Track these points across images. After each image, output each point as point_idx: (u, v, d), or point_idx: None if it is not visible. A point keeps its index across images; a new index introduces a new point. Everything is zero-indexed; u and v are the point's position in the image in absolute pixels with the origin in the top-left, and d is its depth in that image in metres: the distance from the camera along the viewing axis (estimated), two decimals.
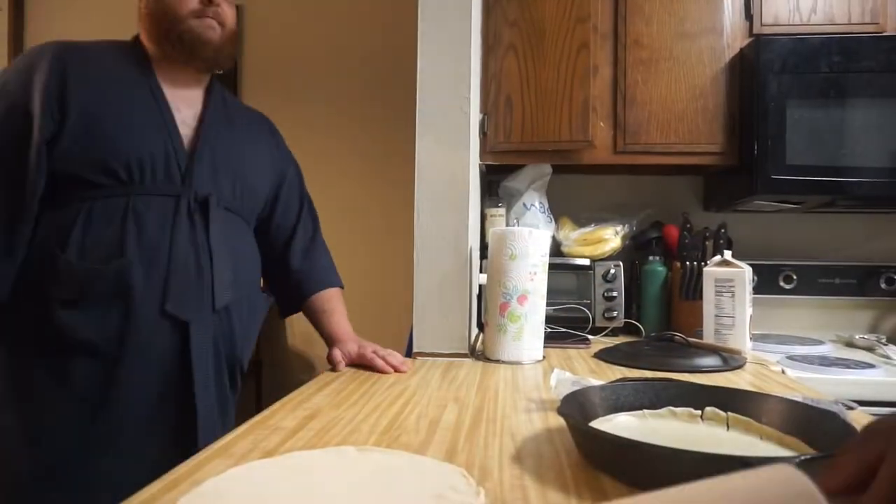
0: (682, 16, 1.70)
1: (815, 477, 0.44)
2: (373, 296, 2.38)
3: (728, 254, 1.51)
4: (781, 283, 1.89)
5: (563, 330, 1.68)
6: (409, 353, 1.38)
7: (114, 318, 1.00)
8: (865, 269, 1.88)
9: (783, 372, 1.33)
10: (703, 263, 1.63)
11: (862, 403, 1.04)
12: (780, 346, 1.64)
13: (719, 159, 1.70)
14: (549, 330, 1.48)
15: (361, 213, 2.43)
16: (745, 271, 1.46)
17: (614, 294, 1.76)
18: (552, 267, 1.38)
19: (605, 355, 1.36)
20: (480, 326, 1.58)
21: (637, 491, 0.55)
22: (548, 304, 1.37)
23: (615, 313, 1.75)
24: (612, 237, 1.81)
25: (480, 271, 1.60)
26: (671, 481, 0.53)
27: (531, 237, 1.29)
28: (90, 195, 1.02)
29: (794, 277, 1.88)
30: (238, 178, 1.17)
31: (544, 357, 1.33)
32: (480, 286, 1.53)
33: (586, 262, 1.78)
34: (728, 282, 1.46)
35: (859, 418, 0.82)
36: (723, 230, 1.70)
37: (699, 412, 0.75)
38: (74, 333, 0.99)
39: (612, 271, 1.77)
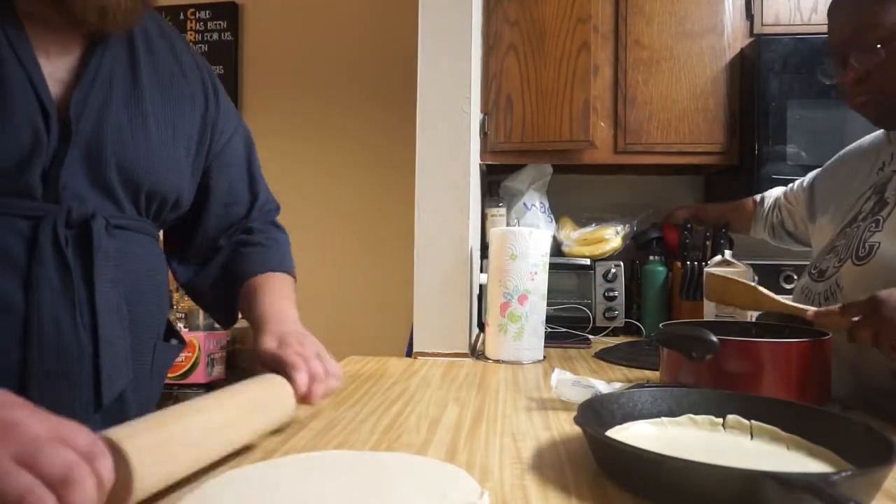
0: (682, 16, 1.69)
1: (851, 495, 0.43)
2: (373, 296, 2.38)
3: (728, 253, 1.51)
4: (782, 283, 1.88)
5: (564, 330, 1.68)
6: (409, 353, 1.38)
7: None
8: None
9: None
10: (703, 263, 1.62)
11: None
12: None
13: (720, 159, 1.70)
14: (549, 330, 1.48)
15: (362, 213, 2.43)
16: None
17: (615, 294, 1.76)
18: (553, 267, 1.38)
19: (606, 355, 1.36)
20: (481, 326, 1.58)
21: (649, 503, 0.55)
22: (548, 304, 1.37)
23: (616, 313, 1.75)
24: (612, 237, 1.81)
25: (481, 271, 1.60)
26: (695, 496, 0.52)
27: (532, 237, 1.29)
28: None
29: (795, 277, 1.88)
30: (139, 173, 0.73)
31: (545, 357, 1.33)
32: (481, 286, 1.53)
33: (587, 261, 1.78)
34: None
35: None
36: (723, 230, 1.70)
37: (720, 420, 0.71)
38: None
39: (613, 271, 1.77)
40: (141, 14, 0.72)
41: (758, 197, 1.46)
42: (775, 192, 1.41)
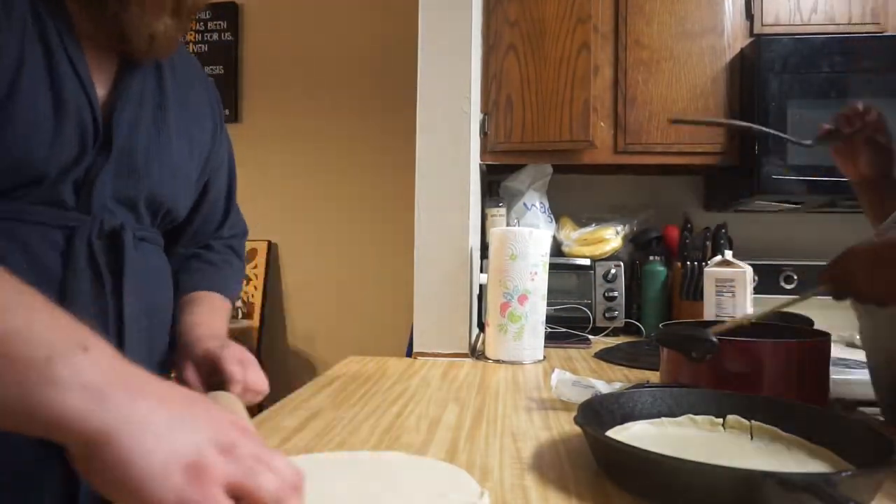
0: (682, 16, 1.69)
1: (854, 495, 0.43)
2: (373, 296, 2.38)
3: (728, 254, 1.51)
4: (782, 284, 1.88)
5: (564, 330, 1.68)
6: (409, 353, 1.38)
7: None
8: None
9: None
10: (703, 263, 1.63)
11: (862, 404, 1.04)
12: None
13: (720, 159, 1.69)
14: (549, 330, 1.48)
15: (362, 213, 2.43)
16: (745, 271, 1.46)
17: (615, 294, 1.76)
18: (553, 267, 1.38)
19: (606, 355, 1.36)
20: (481, 326, 1.58)
21: (649, 503, 0.55)
22: (548, 304, 1.37)
23: (616, 313, 1.75)
24: (612, 237, 1.81)
25: (481, 271, 1.60)
26: (695, 496, 0.52)
27: (532, 237, 1.29)
28: None
29: (795, 277, 1.88)
30: (160, 187, 0.75)
31: (545, 357, 1.33)
32: (481, 286, 1.53)
33: (587, 262, 1.78)
34: (729, 282, 1.46)
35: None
36: (723, 230, 1.70)
37: (720, 420, 0.71)
38: None
39: (613, 271, 1.77)
40: (179, 41, 0.75)
41: None
42: None
